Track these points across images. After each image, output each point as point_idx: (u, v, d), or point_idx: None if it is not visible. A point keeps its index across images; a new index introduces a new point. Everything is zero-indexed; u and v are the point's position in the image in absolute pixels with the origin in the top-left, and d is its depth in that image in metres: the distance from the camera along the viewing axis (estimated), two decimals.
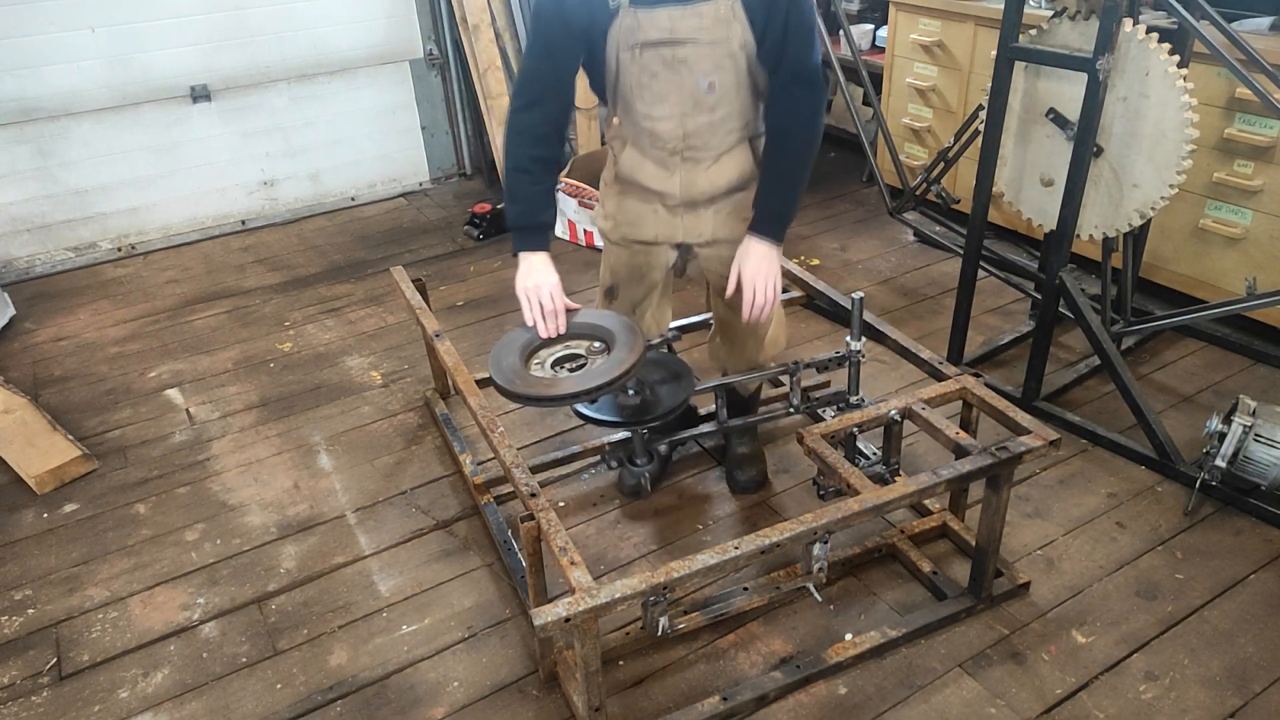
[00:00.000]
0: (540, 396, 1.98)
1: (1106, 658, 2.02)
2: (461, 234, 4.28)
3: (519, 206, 2.10)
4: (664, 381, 2.27)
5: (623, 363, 2.01)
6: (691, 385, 2.26)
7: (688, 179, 2.15)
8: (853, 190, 4.56)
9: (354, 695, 2.02)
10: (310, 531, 2.49)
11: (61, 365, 3.35)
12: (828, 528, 1.80)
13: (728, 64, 1.99)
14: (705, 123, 2.06)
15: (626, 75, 2.03)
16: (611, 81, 2.07)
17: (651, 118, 2.07)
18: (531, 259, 2.09)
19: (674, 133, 2.08)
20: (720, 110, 2.05)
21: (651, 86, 2.02)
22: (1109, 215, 2.56)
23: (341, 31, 4.36)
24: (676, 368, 2.32)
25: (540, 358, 2.11)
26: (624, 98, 2.08)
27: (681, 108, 2.04)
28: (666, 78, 2.00)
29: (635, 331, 2.12)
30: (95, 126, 4.02)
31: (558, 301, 2.09)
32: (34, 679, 2.09)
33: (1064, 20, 2.48)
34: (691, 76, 2.00)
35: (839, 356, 2.37)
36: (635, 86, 2.04)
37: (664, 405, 2.21)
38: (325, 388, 3.13)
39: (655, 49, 1.97)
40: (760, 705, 1.94)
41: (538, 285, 2.08)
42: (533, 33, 2.03)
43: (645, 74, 2.01)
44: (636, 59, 1.99)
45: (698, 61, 1.98)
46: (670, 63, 1.98)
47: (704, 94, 2.02)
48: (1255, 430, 2.31)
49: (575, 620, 1.61)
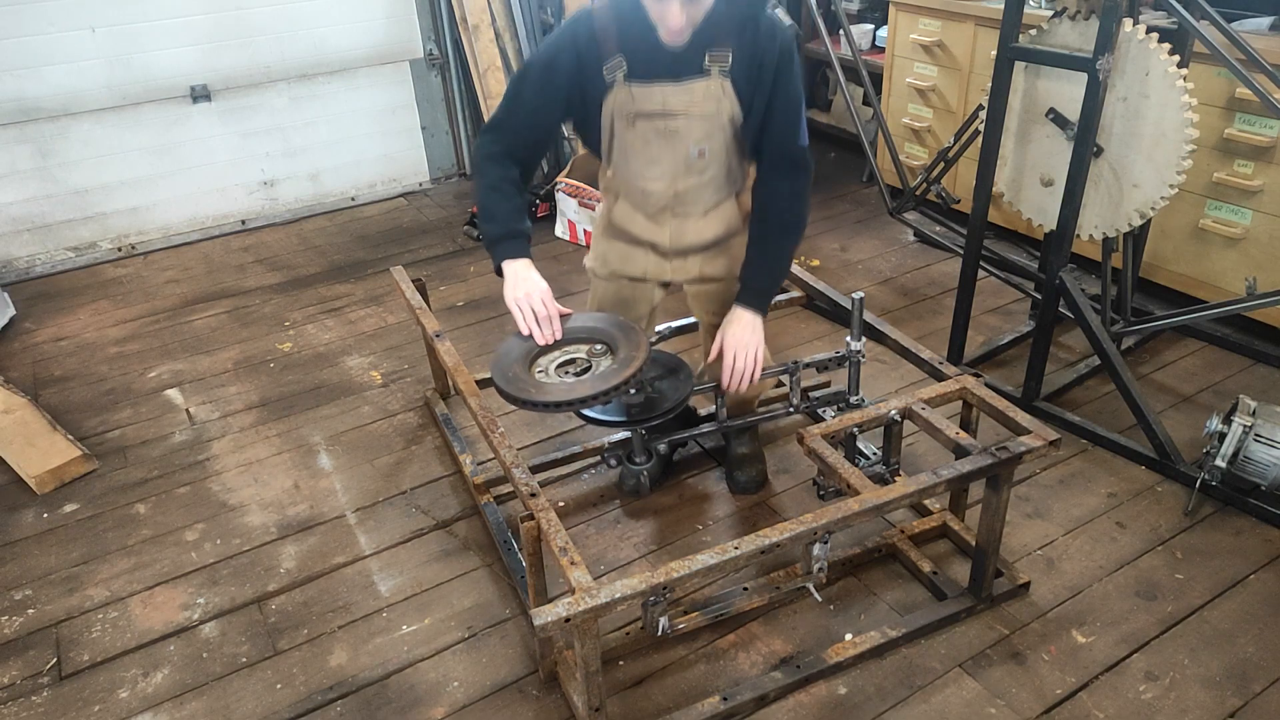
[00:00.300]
0: (558, 401, 1.95)
1: (1106, 658, 2.02)
2: (461, 234, 4.28)
3: (494, 223, 2.10)
4: (663, 377, 2.28)
5: (632, 361, 2.01)
6: (690, 379, 2.26)
7: (677, 231, 2.24)
8: (853, 190, 4.56)
9: (354, 695, 2.02)
10: (310, 531, 2.49)
11: (61, 365, 3.35)
12: (828, 528, 1.79)
13: (718, 134, 2.09)
14: (695, 184, 2.16)
15: (621, 140, 2.13)
16: (606, 143, 2.16)
17: (644, 178, 2.16)
18: (516, 267, 2.09)
19: (665, 192, 2.17)
20: (709, 172, 2.15)
21: (645, 152, 2.12)
22: (1109, 215, 2.56)
23: (341, 31, 4.36)
24: (672, 363, 2.32)
25: (541, 365, 2.09)
26: (618, 158, 2.18)
27: (673, 170, 2.14)
28: (660, 145, 2.10)
29: (635, 329, 2.12)
30: (95, 126, 4.02)
31: (550, 307, 2.08)
32: (34, 679, 2.09)
33: (1064, 20, 2.48)
34: (683, 144, 2.09)
35: (839, 356, 2.37)
36: (629, 150, 2.14)
37: (667, 401, 2.21)
38: (325, 388, 3.13)
39: (649, 120, 2.07)
40: (760, 705, 1.94)
41: (528, 293, 2.07)
42: (513, 90, 2.09)
43: (639, 140, 2.11)
44: (631, 127, 2.09)
45: (689, 132, 2.07)
46: (663, 132, 2.08)
47: (694, 160, 2.12)
48: (1255, 430, 2.31)
49: (575, 620, 1.61)
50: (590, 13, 2.04)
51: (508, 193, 2.09)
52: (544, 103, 2.07)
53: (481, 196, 2.12)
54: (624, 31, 2.01)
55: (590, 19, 2.03)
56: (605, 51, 2.02)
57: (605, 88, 2.05)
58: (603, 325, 2.15)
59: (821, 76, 5.11)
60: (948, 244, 3.71)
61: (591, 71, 2.04)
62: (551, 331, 2.08)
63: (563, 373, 2.06)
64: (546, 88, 2.05)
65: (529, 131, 2.11)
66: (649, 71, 2.02)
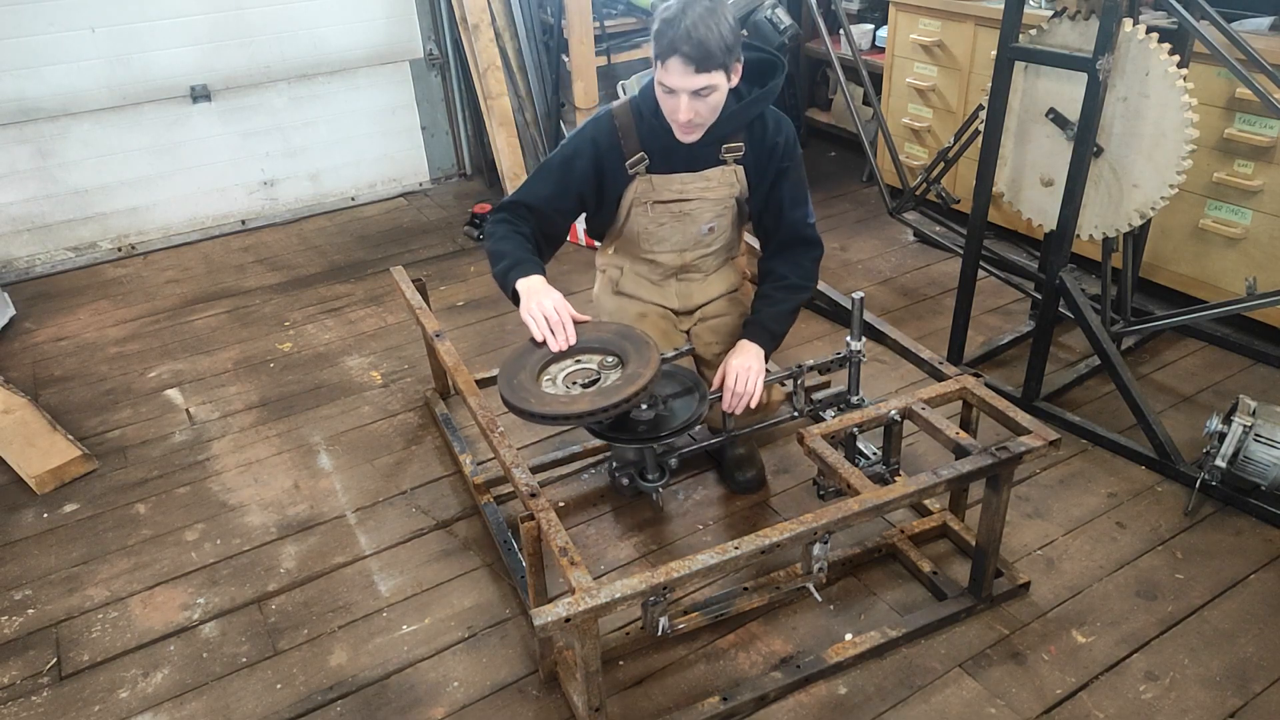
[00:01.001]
0: (554, 415, 1.94)
1: (1106, 658, 2.02)
2: (461, 234, 4.28)
3: (505, 258, 2.15)
4: (677, 395, 2.23)
5: (637, 379, 1.98)
6: (705, 399, 2.20)
7: (684, 293, 2.44)
8: (853, 190, 4.56)
9: (354, 695, 2.02)
10: (310, 531, 2.49)
11: (61, 365, 3.35)
12: (828, 528, 1.80)
13: (726, 213, 2.32)
14: (700, 254, 2.38)
15: (635, 224, 2.30)
16: (617, 227, 2.33)
17: (654, 253, 2.36)
18: (529, 283, 2.11)
19: (673, 263, 2.38)
20: (715, 246, 2.39)
21: (658, 234, 2.32)
22: (1109, 215, 2.56)
23: (341, 31, 4.36)
24: (689, 381, 2.27)
25: (551, 373, 2.07)
26: (627, 238, 2.35)
27: (683, 246, 2.35)
28: (673, 225, 2.30)
29: (649, 345, 2.09)
30: (95, 126, 4.01)
31: (564, 313, 2.08)
32: (34, 679, 2.09)
33: (1064, 20, 2.48)
34: (695, 225, 2.30)
35: (841, 358, 2.37)
36: (642, 232, 2.32)
37: (677, 419, 2.16)
38: (325, 388, 3.13)
39: (665, 205, 2.26)
40: (760, 705, 1.94)
41: (540, 303, 2.08)
42: (533, 178, 2.22)
43: (653, 224, 2.30)
44: (648, 213, 2.27)
45: (702, 213, 2.29)
46: (677, 215, 2.28)
47: (704, 235, 2.34)
48: (1255, 430, 2.31)
49: (575, 620, 1.61)
50: (611, 113, 2.21)
51: (517, 240, 2.17)
52: (560, 194, 2.21)
53: (491, 251, 2.18)
54: (644, 131, 2.19)
55: (611, 120, 2.20)
56: (627, 150, 2.20)
57: (627, 180, 2.23)
58: (617, 338, 2.12)
59: (821, 76, 5.11)
60: (948, 244, 3.70)
61: (612, 168, 2.21)
62: (565, 338, 2.07)
63: (570, 382, 2.04)
64: (565, 180, 2.20)
65: (543, 218, 2.22)
66: (668, 164, 2.21)
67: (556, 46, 4.31)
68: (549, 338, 2.07)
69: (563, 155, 2.21)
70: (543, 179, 2.22)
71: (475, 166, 4.93)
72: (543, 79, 4.45)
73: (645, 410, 2.13)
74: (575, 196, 2.23)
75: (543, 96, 4.49)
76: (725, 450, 2.57)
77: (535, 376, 2.05)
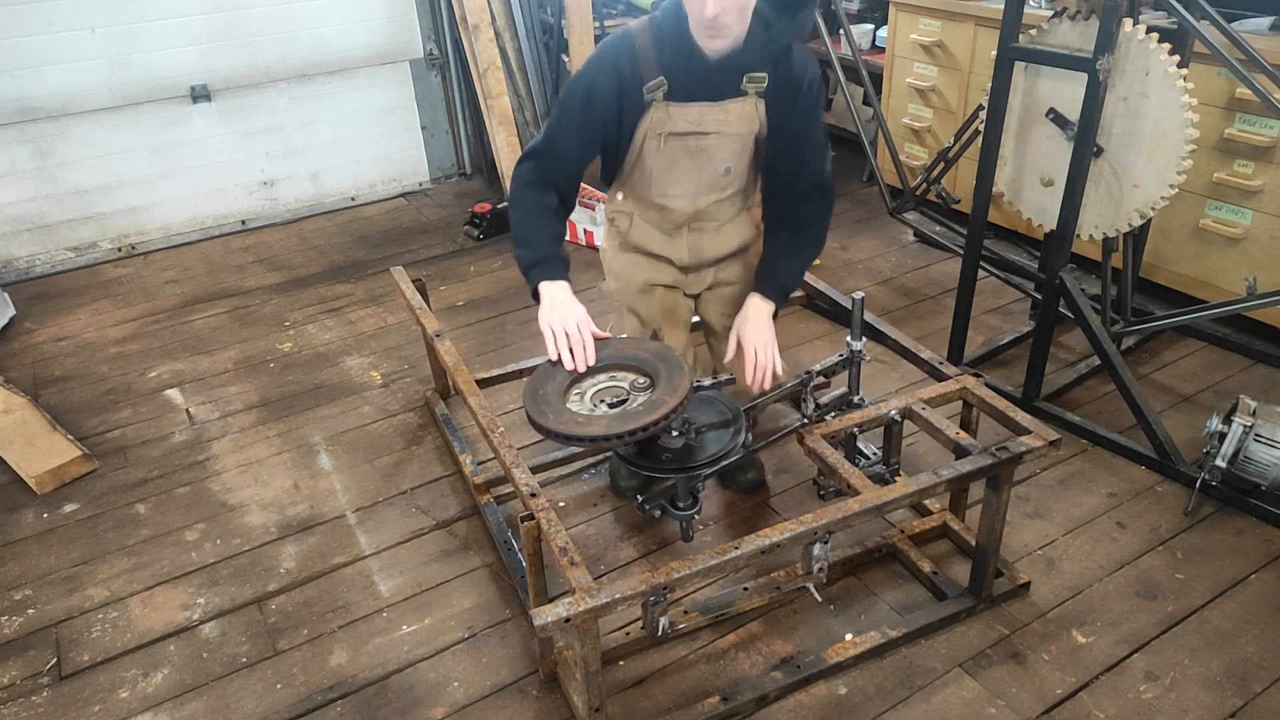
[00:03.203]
0: (566, 434, 1.85)
1: (1107, 658, 2.02)
2: (461, 234, 4.28)
3: (530, 248, 2.09)
4: (713, 427, 2.09)
5: (660, 407, 1.87)
6: (741, 433, 2.06)
7: (694, 245, 2.30)
8: (853, 190, 4.56)
9: (354, 695, 2.02)
10: (310, 531, 2.49)
11: (61, 365, 3.35)
12: (828, 528, 1.79)
13: (745, 152, 2.17)
14: (716, 200, 2.23)
15: (648, 160, 2.15)
16: (630, 165, 2.18)
17: (666, 196, 2.21)
18: (553, 290, 2.05)
19: (686, 209, 2.23)
20: (729, 191, 2.23)
21: (671, 172, 2.17)
22: (1109, 215, 2.56)
23: (341, 31, 4.36)
24: (728, 413, 2.12)
25: (583, 387, 1.99)
26: (639, 178, 2.21)
27: (697, 188, 2.20)
28: (686, 164, 2.15)
29: (683, 372, 1.98)
30: (95, 126, 4.01)
31: (585, 333, 2.01)
32: (34, 679, 2.09)
33: (1064, 20, 2.48)
34: (711, 163, 2.15)
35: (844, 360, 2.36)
36: (654, 170, 2.17)
37: (707, 451, 2.03)
38: (325, 388, 3.13)
39: (680, 139, 2.11)
40: (760, 705, 1.94)
41: (563, 316, 2.02)
42: (558, 114, 2.11)
43: (667, 160, 2.14)
44: (661, 147, 2.12)
45: (719, 150, 2.13)
46: (692, 151, 2.13)
47: (720, 177, 2.19)
48: (1255, 430, 2.31)
49: (575, 620, 1.61)
50: (631, 33, 2.07)
51: (545, 219, 2.10)
52: (587, 129, 2.09)
53: (517, 223, 2.11)
54: (666, 52, 2.04)
55: (632, 40, 2.05)
56: (647, 73, 2.04)
57: (643, 107, 2.07)
58: (655, 359, 2.02)
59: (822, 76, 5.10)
60: (948, 244, 3.70)
61: (632, 93, 2.06)
62: (584, 358, 2.00)
63: (598, 400, 1.96)
64: (590, 113, 2.06)
65: (570, 160, 2.11)
66: (688, 92, 2.06)
67: (556, 46, 4.32)
68: (565, 356, 2.00)
69: (586, 83, 2.06)
70: (566, 122, 2.08)
71: (475, 166, 4.93)
72: (543, 79, 4.45)
73: (675, 438, 2.03)
74: (598, 137, 2.11)
75: (543, 96, 4.49)
76: None
77: (564, 389, 1.96)
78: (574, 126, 2.08)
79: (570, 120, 2.08)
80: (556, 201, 2.12)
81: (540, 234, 2.09)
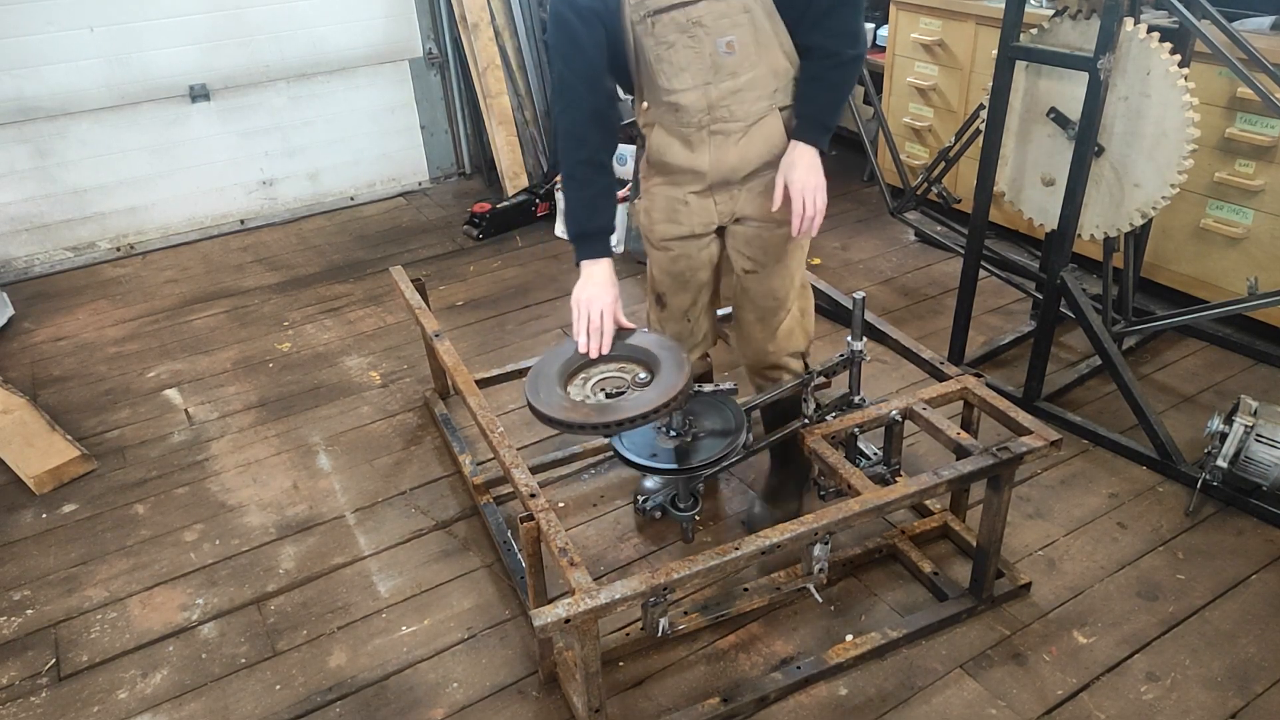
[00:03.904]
0: (549, 417, 1.86)
1: (1108, 658, 2.02)
2: (461, 233, 4.28)
3: (571, 219, 2.04)
4: (712, 432, 2.07)
5: (643, 406, 1.85)
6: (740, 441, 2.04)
7: (717, 154, 2.06)
8: (853, 189, 4.56)
9: (353, 696, 2.01)
10: (309, 532, 2.48)
11: (60, 365, 3.34)
12: (828, 528, 1.79)
13: (744, 20, 1.91)
14: (729, 89, 1.98)
15: (644, 50, 1.97)
16: (632, 61, 2.01)
17: (673, 91, 1.99)
18: (591, 270, 2.01)
19: (698, 104, 2.00)
20: (744, 74, 1.96)
21: (670, 58, 1.96)
22: (1110, 215, 2.56)
23: (340, 30, 4.36)
24: (730, 422, 2.09)
25: (589, 374, 1.99)
26: (646, 75, 2.02)
27: (703, 76, 1.97)
28: (684, 45, 1.94)
29: (682, 371, 1.93)
30: (94, 126, 4.01)
31: (606, 321, 1.98)
32: (33, 679, 2.09)
33: (1065, 19, 2.48)
34: (709, 38, 1.92)
35: (845, 360, 2.36)
36: (654, 60, 1.98)
37: (700, 456, 2.01)
38: (324, 388, 3.13)
39: (668, 14, 1.91)
40: (761, 706, 1.94)
41: (590, 299, 1.98)
42: (552, 33, 1.99)
43: (662, 45, 1.95)
44: (651, 31, 1.93)
45: (713, 21, 1.90)
46: (685, 26, 1.91)
47: (723, 56, 1.94)
48: (1256, 430, 2.31)
49: (575, 621, 1.61)
50: None
51: (582, 179, 2.01)
52: (579, 23, 1.93)
53: (566, 178, 2.04)
54: None
55: None
56: None
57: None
58: (661, 352, 1.98)
59: None
60: (949, 244, 3.70)
61: None
62: (599, 345, 1.98)
63: (598, 389, 1.96)
64: (575, 9, 1.91)
65: (582, 64, 1.96)
66: None
67: None
68: (581, 340, 1.98)
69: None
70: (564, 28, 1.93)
71: (474, 165, 4.93)
72: (542, 78, 4.45)
73: (672, 437, 2.02)
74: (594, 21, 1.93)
75: (542, 95, 4.49)
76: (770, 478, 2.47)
77: (569, 373, 1.97)
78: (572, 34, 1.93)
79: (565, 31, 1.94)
80: (590, 153, 2.00)
81: (578, 198, 2.02)
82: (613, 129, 2.04)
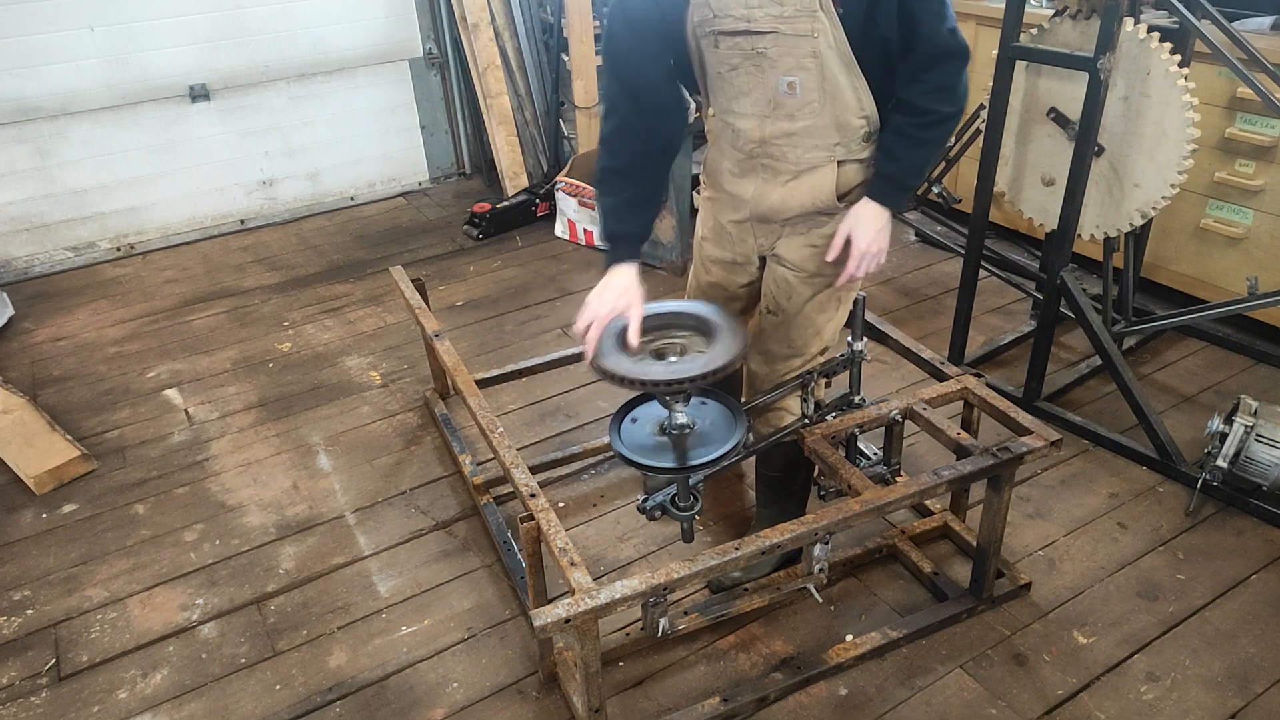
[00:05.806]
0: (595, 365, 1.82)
1: (1108, 658, 2.02)
2: (461, 233, 4.28)
3: (599, 225, 2.01)
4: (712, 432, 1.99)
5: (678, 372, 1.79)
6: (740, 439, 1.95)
7: (762, 188, 1.97)
8: None
9: (353, 696, 2.01)
10: (309, 532, 2.48)
11: (60, 365, 3.34)
12: (828, 528, 1.79)
13: (811, 64, 1.78)
14: (784, 130, 1.88)
15: (711, 68, 1.91)
16: (698, 69, 1.96)
17: (733, 112, 1.93)
18: (614, 277, 1.93)
19: (753, 134, 1.92)
20: (801, 120, 1.86)
21: (732, 80, 1.88)
22: (1110, 215, 2.56)
23: (340, 31, 4.36)
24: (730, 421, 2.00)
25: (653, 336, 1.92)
26: (713, 89, 1.96)
27: (762, 108, 1.88)
28: (747, 71, 1.85)
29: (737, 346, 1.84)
30: (94, 126, 4.01)
31: (590, 334, 1.88)
32: (33, 679, 2.09)
33: (1065, 19, 2.48)
34: (773, 72, 1.83)
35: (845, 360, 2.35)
36: (716, 77, 1.91)
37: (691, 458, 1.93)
38: (324, 388, 3.13)
39: (733, 39, 1.82)
40: (761, 706, 1.94)
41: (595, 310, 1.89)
42: (604, 43, 1.96)
43: (725, 65, 1.87)
44: (715, 50, 1.86)
45: (779, 57, 1.80)
46: (750, 55, 1.82)
47: (784, 95, 1.84)
48: (1257, 430, 2.31)
49: (575, 621, 1.61)
50: None
51: (608, 186, 1.97)
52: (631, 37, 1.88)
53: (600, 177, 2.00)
54: None
55: None
56: None
57: (683, 3, 1.83)
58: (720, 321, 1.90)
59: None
60: (949, 244, 3.70)
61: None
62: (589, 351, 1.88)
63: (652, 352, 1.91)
64: (629, 23, 1.86)
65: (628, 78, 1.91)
66: None
67: (556, 45, 4.31)
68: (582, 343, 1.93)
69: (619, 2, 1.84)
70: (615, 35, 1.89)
71: (474, 165, 4.93)
72: (542, 78, 4.45)
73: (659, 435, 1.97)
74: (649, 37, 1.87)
75: (542, 95, 4.49)
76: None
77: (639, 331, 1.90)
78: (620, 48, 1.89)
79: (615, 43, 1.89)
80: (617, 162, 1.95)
81: (602, 205, 1.99)
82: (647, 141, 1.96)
